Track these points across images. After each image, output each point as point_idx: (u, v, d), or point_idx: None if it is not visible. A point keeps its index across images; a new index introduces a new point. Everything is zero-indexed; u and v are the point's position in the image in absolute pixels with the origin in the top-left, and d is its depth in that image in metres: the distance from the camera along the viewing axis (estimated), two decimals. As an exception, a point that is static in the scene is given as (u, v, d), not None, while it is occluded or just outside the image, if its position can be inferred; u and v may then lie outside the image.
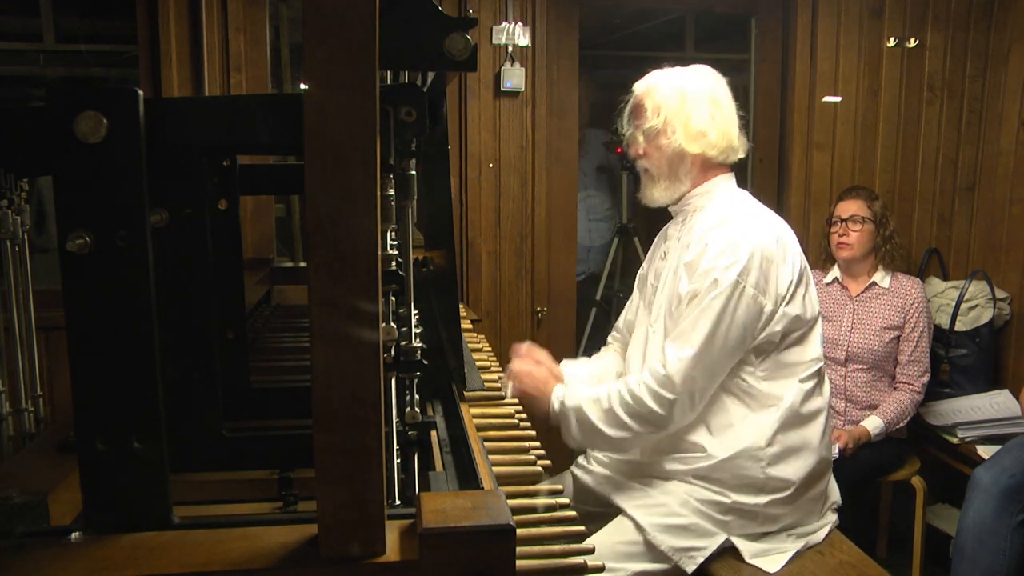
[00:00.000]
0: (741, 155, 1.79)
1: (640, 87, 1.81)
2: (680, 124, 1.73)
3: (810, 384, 1.73)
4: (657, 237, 1.98)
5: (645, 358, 1.80)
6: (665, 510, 1.69)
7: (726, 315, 1.62)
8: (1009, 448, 2.46)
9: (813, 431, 1.73)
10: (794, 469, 1.69)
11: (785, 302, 1.67)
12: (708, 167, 1.78)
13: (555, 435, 1.86)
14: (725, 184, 1.80)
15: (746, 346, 1.66)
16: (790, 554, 1.68)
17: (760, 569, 1.65)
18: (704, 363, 1.63)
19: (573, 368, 1.98)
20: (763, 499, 1.67)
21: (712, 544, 1.67)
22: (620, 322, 2.08)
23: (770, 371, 1.70)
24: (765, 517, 1.69)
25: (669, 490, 1.71)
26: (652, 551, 1.66)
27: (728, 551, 1.69)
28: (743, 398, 1.70)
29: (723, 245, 1.65)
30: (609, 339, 2.11)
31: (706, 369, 1.64)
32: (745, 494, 1.67)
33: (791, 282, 1.67)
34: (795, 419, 1.70)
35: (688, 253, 1.72)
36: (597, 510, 1.79)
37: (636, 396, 1.65)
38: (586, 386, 1.78)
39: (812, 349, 1.74)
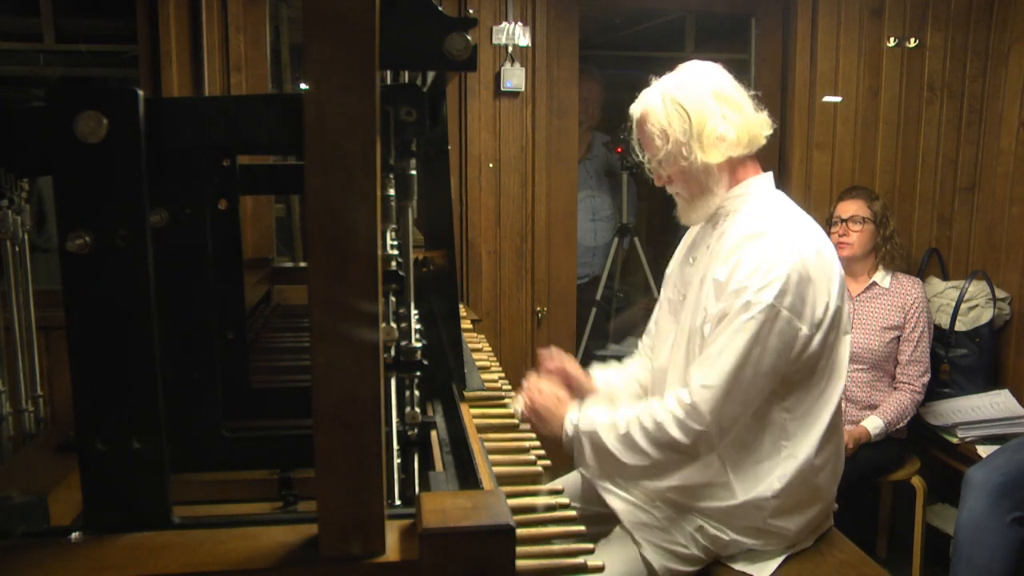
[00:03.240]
0: (768, 132, 1.64)
1: (635, 111, 1.65)
2: (694, 140, 1.57)
3: (832, 423, 1.61)
4: (685, 236, 1.85)
5: (671, 373, 1.69)
6: (670, 538, 1.64)
7: (758, 341, 1.48)
8: (1003, 449, 2.47)
9: (824, 478, 1.64)
10: (796, 521, 1.62)
11: (821, 326, 1.53)
12: (737, 166, 1.63)
13: (555, 435, 1.85)
14: (760, 184, 1.64)
15: (779, 375, 1.54)
16: (780, 559, 1.66)
17: (748, 575, 1.64)
18: (733, 393, 1.50)
19: (604, 375, 1.89)
20: (759, 540, 1.63)
21: (699, 565, 1.67)
22: (651, 325, 1.93)
23: (799, 405, 1.58)
24: (758, 552, 1.65)
25: (670, 515, 1.66)
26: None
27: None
28: (766, 432, 1.59)
29: (757, 262, 1.50)
30: (640, 344, 1.98)
31: (736, 399, 1.51)
32: (743, 535, 1.63)
33: (828, 304, 1.53)
34: (809, 469, 1.59)
35: (719, 268, 1.57)
36: (604, 511, 1.77)
37: (658, 423, 1.53)
38: (604, 409, 1.65)
39: (839, 380, 1.62)
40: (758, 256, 1.51)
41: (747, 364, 1.49)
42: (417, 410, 1.11)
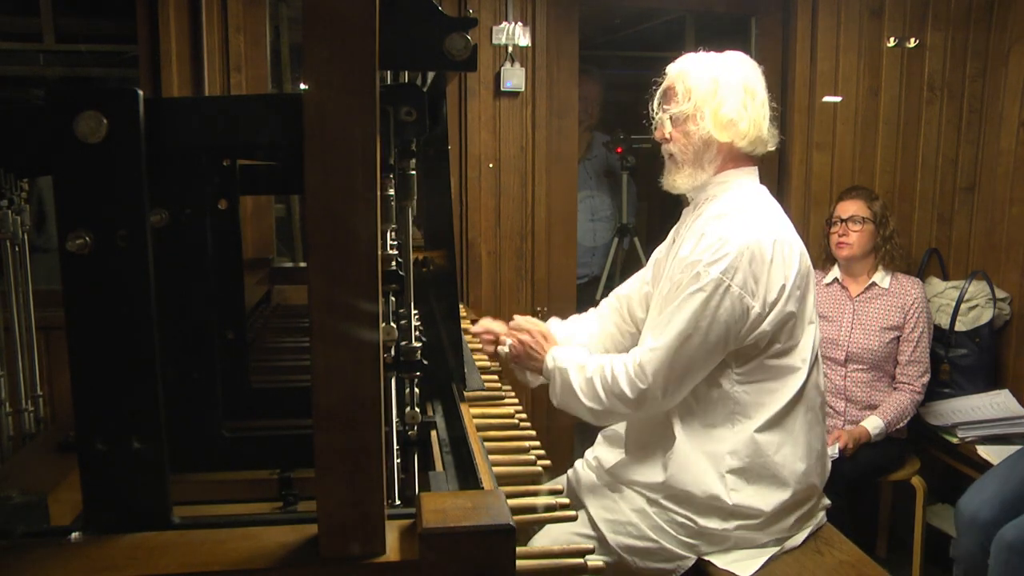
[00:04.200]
0: (771, 148, 1.74)
1: (673, 69, 1.75)
2: (710, 111, 1.67)
3: (792, 405, 1.65)
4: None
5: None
6: (635, 531, 1.68)
7: (706, 312, 1.58)
8: (996, 472, 2.41)
9: (785, 459, 1.65)
10: (763, 499, 1.64)
11: (775, 307, 1.61)
12: (733, 157, 1.72)
13: (555, 435, 1.86)
14: (745, 177, 1.73)
15: (729, 347, 1.61)
16: (764, 558, 1.66)
17: (733, 574, 1.63)
18: (678, 359, 1.60)
19: (561, 328, 2.02)
20: (732, 524, 1.64)
21: (682, 566, 1.67)
22: (622, 289, 2.06)
23: (750, 379, 1.65)
24: (737, 539, 1.66)
25: (640, 508, 1.70)
26: (604, 546, 1.69)
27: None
28: (719, 403, 1.65)
29: (714, 238, 1.61)
30: (603, 302, 2.10)
31: (680, 365, 1.60)
32: (713, 519, 1.64)
33: (783, 287, 1.61)
34: (756, 444, 1.63)
35: (687, 244, 1.69)
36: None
37: (614, 375, 1.65)
38: (580, 352, 1.79)
39: (799, 361, 1.66)
40: (716, 233, 1.62)
41: (695, 332, 1.59)
42: (417, 410, 1.11)
